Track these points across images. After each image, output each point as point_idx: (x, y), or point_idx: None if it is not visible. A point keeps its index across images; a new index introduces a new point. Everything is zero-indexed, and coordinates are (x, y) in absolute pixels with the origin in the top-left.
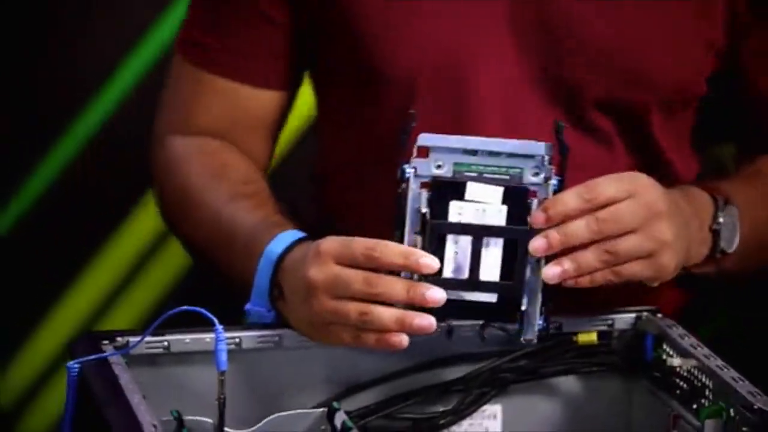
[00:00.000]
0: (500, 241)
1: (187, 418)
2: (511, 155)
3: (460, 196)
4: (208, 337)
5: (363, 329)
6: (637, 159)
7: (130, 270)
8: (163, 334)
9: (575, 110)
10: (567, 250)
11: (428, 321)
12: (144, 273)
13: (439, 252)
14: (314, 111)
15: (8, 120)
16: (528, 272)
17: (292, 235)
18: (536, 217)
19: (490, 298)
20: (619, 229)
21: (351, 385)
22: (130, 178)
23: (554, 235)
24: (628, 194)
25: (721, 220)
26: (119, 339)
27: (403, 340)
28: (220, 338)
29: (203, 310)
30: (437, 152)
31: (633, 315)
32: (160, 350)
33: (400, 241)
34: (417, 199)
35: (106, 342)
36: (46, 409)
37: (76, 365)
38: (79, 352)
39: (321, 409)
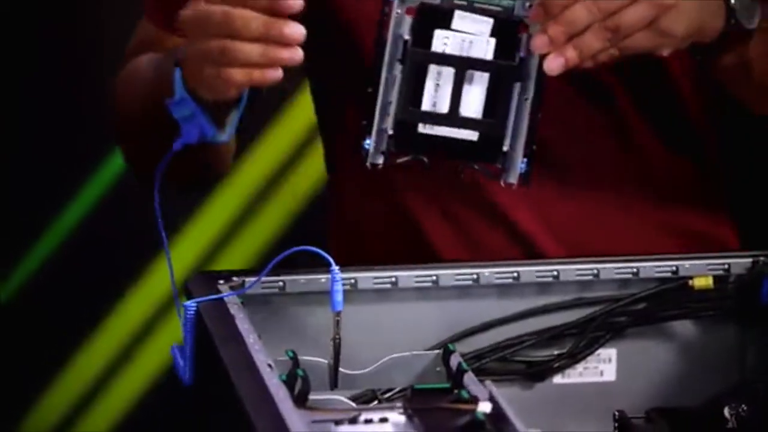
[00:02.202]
0: (485, 76)
1: (302, 358)
2: None
3: (446, 24)
4: (323, 277)
5: (228, 66)
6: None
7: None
8: (278, 274)
9: None
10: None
11: (297, 28)
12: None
13: (419, 83)
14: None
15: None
16: (512, 110)
17: None
18: (535, 12)
19: (471, 135)
20: (619, 3)
21: (466, 327)
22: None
23: (554, 26)
24: None
25: None
26: (235, 279)
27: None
28: (336, 279)
29: (320, 251)
30: None
31: (749, 260)
32: (275, 290)
33: (378, 72)
34: (400, 24)
35: (221, 282)
36: None
37: (192, 305)
38: (194, 291)
39: (436, 351)
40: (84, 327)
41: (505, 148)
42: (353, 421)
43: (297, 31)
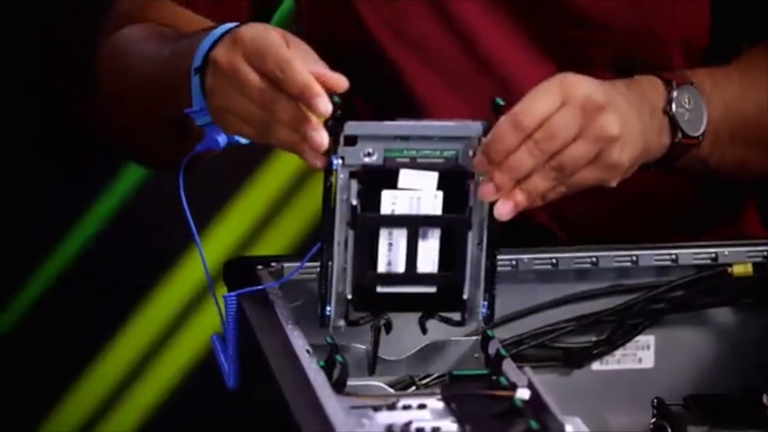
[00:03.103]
0: (437, 230)
1: (340, 344)
2: (444, 138)
3: (392, 184)
4: None
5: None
6: None
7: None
8: (316, 260)
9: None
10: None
11: (322, 138)
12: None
13: (372, 246)
14: None
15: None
16: (469, 259)
17: (224, 27)
18: (479, 161)
19: (430, 289)
20: (561, 143)
21: (504, 313)
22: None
23: (500, 174)
24: (561, 101)
25: (675, 94)
26: (273, 264)
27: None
28: None
29: None
30: (366, 140)
31: None
32: (314, 276)
33: (330, 239)
34: (346, 191)
35: (260, 267)
36: None
37: (233, 296)
38: (232, 275)
39: (474, 337)
40: (104, 333)
41: (464, 296)
42: (391, 407)
43: (322, 139)
